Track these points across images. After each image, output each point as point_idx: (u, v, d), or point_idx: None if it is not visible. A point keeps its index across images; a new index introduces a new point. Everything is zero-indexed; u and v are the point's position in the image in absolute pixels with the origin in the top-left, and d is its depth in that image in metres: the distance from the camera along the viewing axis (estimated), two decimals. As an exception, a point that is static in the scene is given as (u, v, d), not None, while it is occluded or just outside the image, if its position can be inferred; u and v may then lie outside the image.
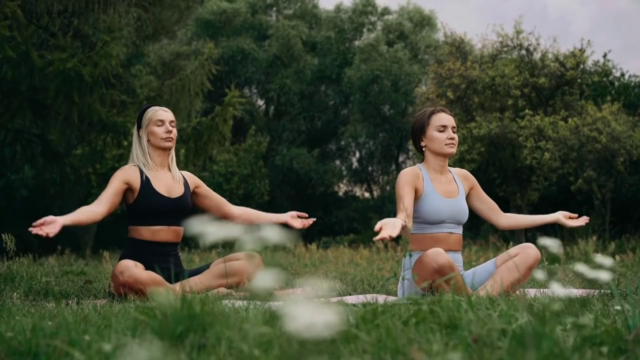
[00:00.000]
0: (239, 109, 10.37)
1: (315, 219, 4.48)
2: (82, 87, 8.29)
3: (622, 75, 18.04)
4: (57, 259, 9.90)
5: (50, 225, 3.59)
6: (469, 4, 46.70)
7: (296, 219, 4.44)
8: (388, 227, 3.16)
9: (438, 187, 3.73)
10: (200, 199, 4.36)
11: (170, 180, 4.17)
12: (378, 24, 22.58)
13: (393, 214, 14.50)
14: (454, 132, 3.79)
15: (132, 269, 3.78)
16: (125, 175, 4.07)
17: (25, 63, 8.12)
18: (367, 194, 22.59)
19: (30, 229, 3.58)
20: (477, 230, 16.44)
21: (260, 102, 23.28)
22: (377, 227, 3.17)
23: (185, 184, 4.24)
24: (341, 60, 21.42)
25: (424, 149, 3.81)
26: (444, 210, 3.66)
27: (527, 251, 3.60)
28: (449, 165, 3.94)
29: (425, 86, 18.23)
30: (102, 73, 8.40)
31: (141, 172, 4.11)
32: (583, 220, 4.01)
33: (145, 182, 4.08)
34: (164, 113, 4.21)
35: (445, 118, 3.79)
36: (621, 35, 45.67)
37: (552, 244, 1.77)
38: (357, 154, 22.57)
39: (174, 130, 4.21)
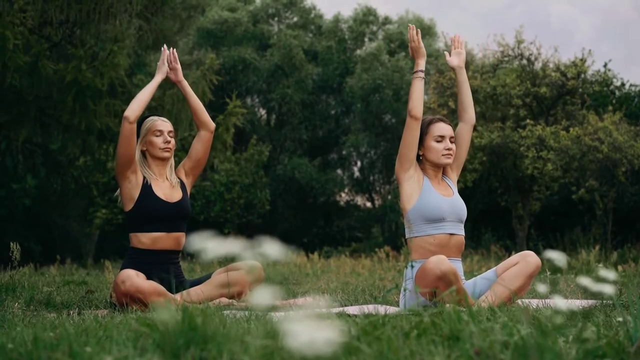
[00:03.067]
0: (240, 119, 10.39)
1: (173, 50, 4.43)
2: (95, 96, 8.32)
3: (622, 84, 18.05)
4: (59, 268, 9.88)
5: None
6: (470, 13, 46.81)
7: (171, 71, 4.38)
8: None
9: (436, 187, 3.76)
10: (192, 161, 4.38)
11: (168, 188, 4.19)
12: (379, 33, 22.61)
13: (395, 222, 14.32)
14: (451, 142, 3.80)
15: (134, 278, 3.78)
16: (136, 165, 4.12)
17: (33, 73, 8.14)
18: (368, 204, 22.55)
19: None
20: (478, 240, 16.42)
21: (262, 112, 23.26)
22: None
23: (183, 187, 4.26)
24: (342, 70, 21.43)
25: (421, 158, 3.82)
26: (443, 205, 3.68)
27: (527, 259, 3.60)
28: None
29: (427, 96, 18.24)
30: (109, 82, 8.43)
31: (144, 176, 4.13)
32: (457, 40, 4.08)
33: (146, 186, 4.10)
34: (162, 123, 4.23)
35: (443, 128, 3.80)
36: (625, 43, 45.74)
37: (557, 257, 1.77)
38: (359, 164, 22.55)
39: (173, 141, 4.23)
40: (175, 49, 4.44)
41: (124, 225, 14.78)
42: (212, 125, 4.41)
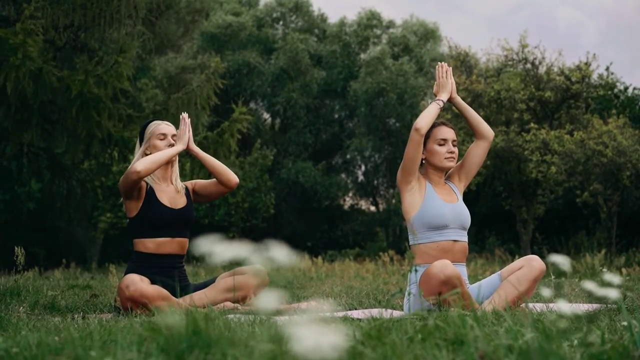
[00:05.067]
0: (245, 125, 10.40)
1: (188, 117, 4.33)
2: (99, 107, 8.34)
3: (626, 88, 18.03)
4: (63, 272, 9.90)
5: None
6: (475, 17, 46.81)
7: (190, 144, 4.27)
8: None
9: (438, 193, 3.74)
10: (203, 193, 4.35)
11: (172, 193, 4.19)
12: (383, 37, 22.61)
13: (399, 227, 14.26)
14: (454, 146, 3.79)
15: (138, 283, 3.78)
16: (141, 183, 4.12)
17: (39, 79, 8.16)
18: (372, 208, 22.54)
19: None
20: (482, 243, 16.39)
21: (266, 116, 23.29)
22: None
23: (187, 194, 4.26)
24: (347, 74, 21.43)
25: (423, 162, 3.81)
26: (446, 212, 3.66)
27: (531, 263, 3.59)
28: None
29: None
30: (111, 91, 8.46)
31: (146, 183, 4.13)
32: (444, 69, 3.88)
33: (150, 192, 4.10)
34: (166, 127, 4.24)
35: (445, 131, 3.79)
36: (630, 47, 45.72)
37: (561, 261, 1.76)
38: (363, 168, 22.54)
39: (176, 144, 4.24)
40: (188, 117, 4.38)
41: (128, 229, 14.74)
42: (234, 182, 4.29)
